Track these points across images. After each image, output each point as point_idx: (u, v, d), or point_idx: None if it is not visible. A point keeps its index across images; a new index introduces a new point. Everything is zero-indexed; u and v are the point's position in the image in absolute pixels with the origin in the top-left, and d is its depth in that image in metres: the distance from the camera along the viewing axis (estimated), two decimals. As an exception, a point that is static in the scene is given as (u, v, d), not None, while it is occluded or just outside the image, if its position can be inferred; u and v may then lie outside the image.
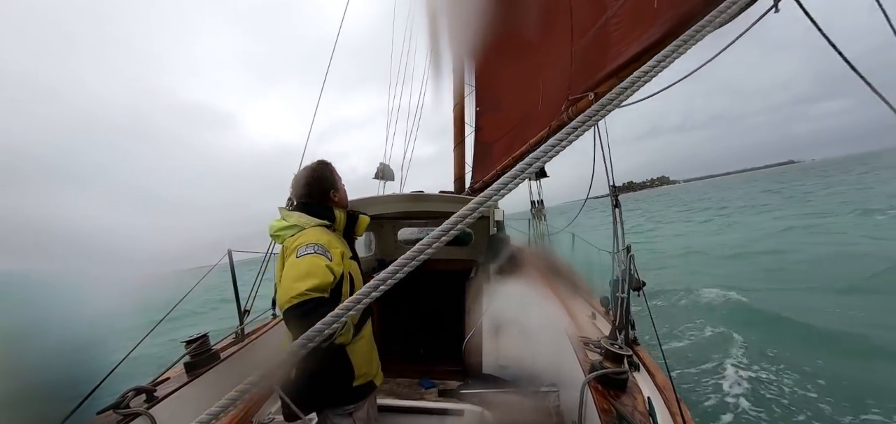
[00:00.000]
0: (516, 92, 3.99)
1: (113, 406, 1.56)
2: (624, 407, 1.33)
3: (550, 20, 3.05)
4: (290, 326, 1.24)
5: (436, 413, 1.99)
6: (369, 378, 1.58)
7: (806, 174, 72.18)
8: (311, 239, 1.36)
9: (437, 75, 5.04)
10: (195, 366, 1.99)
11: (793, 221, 16.11)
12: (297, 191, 1.55)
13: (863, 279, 7.53)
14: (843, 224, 13.92)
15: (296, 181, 1.57)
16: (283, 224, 1.47)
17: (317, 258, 1.30)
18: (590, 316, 2.66)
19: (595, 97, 2.14)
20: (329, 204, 1.56)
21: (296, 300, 1.20)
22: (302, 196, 1.53)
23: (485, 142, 4.80)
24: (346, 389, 1.48)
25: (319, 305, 1.22)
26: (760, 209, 23.50)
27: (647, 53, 1.85)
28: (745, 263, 10.53)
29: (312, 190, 1.54)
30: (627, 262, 1.93)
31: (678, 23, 1.64)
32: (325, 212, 1.52)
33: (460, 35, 4.05)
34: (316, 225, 1.46)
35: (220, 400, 0.68)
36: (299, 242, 1.36)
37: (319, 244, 1.35)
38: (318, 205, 1.52)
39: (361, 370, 1.52)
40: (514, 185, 0.64)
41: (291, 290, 1.22)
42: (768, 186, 45.87)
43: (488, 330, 2.64)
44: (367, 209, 2.99)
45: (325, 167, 1.59)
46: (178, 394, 1.77)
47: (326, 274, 1.29)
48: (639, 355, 1.88)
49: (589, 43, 2.43)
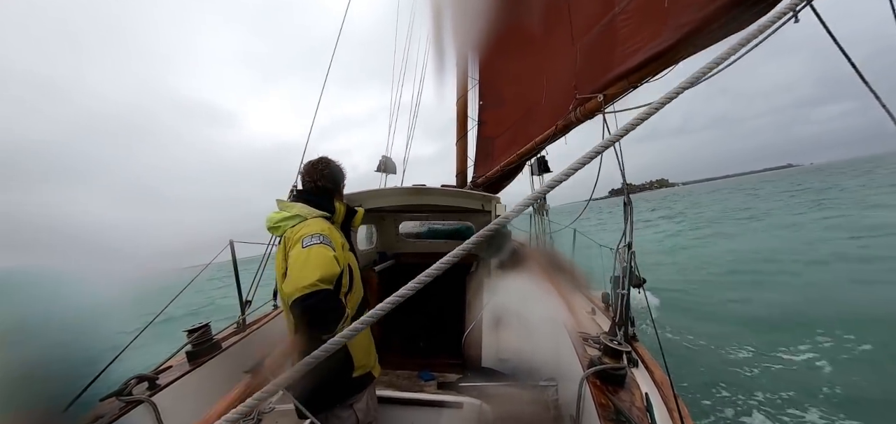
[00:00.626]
0: (519, 87, 3.97)
1: (115, 394, 1.58)
2: (622, 403, 1.33)
3: (554, 15, 3.03)
4: (296, 316, 1.22)
5: (435, 405, 2.01)
6: (368, 370, 1.58)
7: (806, 177, 71.02)
8: (316, 229, 1.37)
9: (440, 69, 5.02)
10: (197, 355, 2.01)
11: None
12: (313, 177, 1.55)
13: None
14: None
15: (305, 172, 1.57)
16: (283, 215, 1.46)
17: (323, 248, 1.30)
18: (589, 311, 2.66)
19: (605, 99, 2.12)
20: (333, 196, 1.57)
21: (306, 290, 1.19)
22: (317, 180, 1.54)
23: (487, 136, 4.79)
24: (347, 381, 1.49)
25: (328, 297, 1.23)
26: (795, 210, 21.15)
27: (660, 58, 1.81)
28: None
29: (328, 180, 1.55)
30: (628, 259, 1.93)
31: (693, 28, 1.59)
32: (326, 203, 1.52)
33: (464, 30, 4.03)
34: (317, 216, 1.46)
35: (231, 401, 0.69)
36: (303, 232, 1.36)
37: (324, 234, 1.36)
38: (321, 196, 1.53)
39: (361, 361, 1.53)
40: (532, 202, 0.64)
41: (301, 280, 1.20)
42: (786, 188, 43.46)
43: (488, 324, 2.65)
44: (369, 202, 2.99)
45: (334, 162, 1.61)
46: (180, 382, 1.79)
47: (333, 264, 1.29)
48: (637, 351, 1.88)
49: (595, 40, 2.41)
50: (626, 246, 1.96)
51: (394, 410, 1.98)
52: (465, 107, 5.16)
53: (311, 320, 1.20)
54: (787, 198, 29.79)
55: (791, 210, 21.25)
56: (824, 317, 5.84)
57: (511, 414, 1.87)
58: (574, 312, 2.35)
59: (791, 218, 17.97)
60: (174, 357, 2.02)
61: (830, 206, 19.71)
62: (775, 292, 7.59)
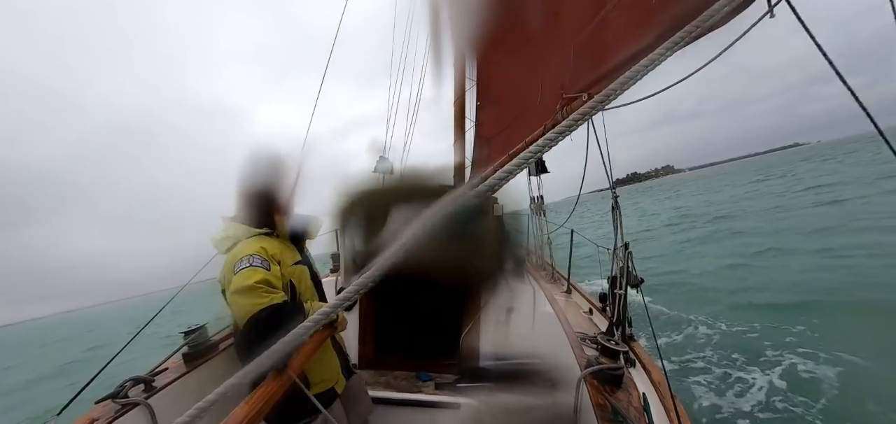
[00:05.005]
0: (515, 87, 3.98)
1: (111, 396, 1.56)
2: (619, 403, 1.34)
3: (550, 16, 3.04)
4: (253, 341, 1.05)
5: (432, 406, 2.01)
6: (329, 386, 1.45)
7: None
8: (247, 252, 1.26)
9: (438, 69, 5.02)
10: (193, 357, 2.00)
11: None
12: (240, 188, 1.38)
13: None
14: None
15: (239, 177, 1.39)
16: (220, 236, 1.36)
17: (253, 271, 1.20)
18: (586, 311, 2.68)
19: (588, 97, 2.13)
20: (269, 207, 1.41)
21: (250, 318, 1.13)
22: (248, 191, 1.38)
23: (484, 137, 4.79)
24: (301, 400, 1.21)
25: (279, 310, 1.16)
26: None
27: (641, 55, 1.82)
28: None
29: (257, 186, 1.40)
30: (625, 259, 1.94)
31: (671, 25, 1.61)
32: (262, 217, 1.39)
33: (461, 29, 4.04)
34: (253, 236, 1.34)
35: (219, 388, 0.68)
36: (234, 260, 1.25)
37: (258, 255, 1.26)
38: (255, 209, 1.40)
39: (319, 376, 1.40)
40: (501, 183, 0.64)
41: (243, 309, 1.14)
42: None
43: (485, 325, 2.66)
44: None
45: (270, 171, 1.41)
46: (176, 384, 1.78)
47: (268, 277, 1.21)
48: (635, 351, 1.89)
49: (586, 41, 2.42)
50: (623, 246, 1.97)
51: (391, 411, 1.98)
52: (462, 108, 5.16)
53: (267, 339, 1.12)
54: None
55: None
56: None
57: (508, 415, 1.88)
58: (570, 312, 2.36)
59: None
60: (170, 359, 2.01)
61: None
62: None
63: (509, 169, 0.64)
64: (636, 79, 0.65)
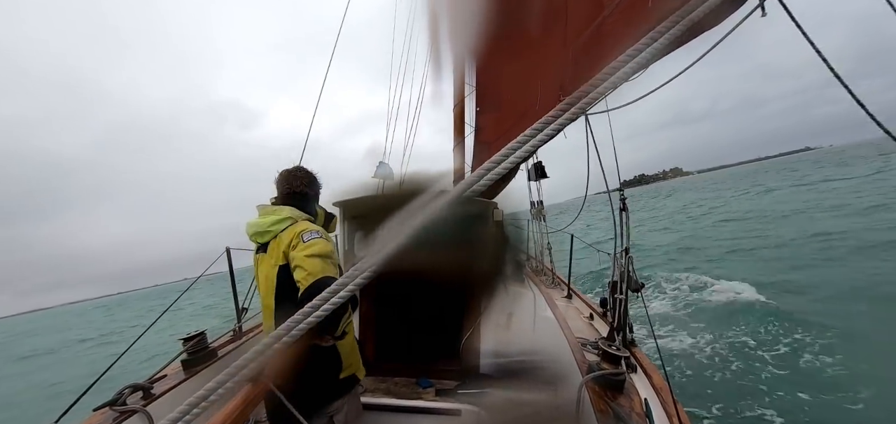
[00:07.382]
0: (514, 92, 3.99)
1: (109, 403, 1.56)
2: (621, 408, 1.33)
3: (549, 20, 3.05)
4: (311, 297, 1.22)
5: (433, 412, 1.99)
6: (353, 371, 1.58)
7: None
8: (312, 227, 1.42)
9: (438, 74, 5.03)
10: (192, 363, 1.99)
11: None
12: (292, 184, 1.57)
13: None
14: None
15: (292, 177, 1.60)
16: (272, 218, 1.45)
17: (325, 242, 1.37)
18: (587, 317, 2.66)
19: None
20: (313, 202, 1.63)
21: (323, 278, 1.24)
22: (297, 188, 1.57)
23: (484, 141, 4.79)
24: (333, 382, 1.48)
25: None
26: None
27: (637, 55, 1.83)
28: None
29: (307, 185, 1.59)
30: (626, 264, 1.93)
31: (668, 26, 1.62)
32: (309, 208, 1.58)
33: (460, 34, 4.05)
34: (306, 219, 1.51)
35: (210, 384, 0.68)
36: (300, 230, 1.39)
37: (320, 231, 1.42)
38: (303, 201, 1.57)
39: (348, 360, 1.53)
40: (481, 186, 0.64)
41: (319, 267, 1.28)
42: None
43: (486, 330, 2.65)
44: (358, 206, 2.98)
45: (310, 171, 1.66)
46: (174, 391, 1.77)
47: (335, 257, 1.38)
48: (636, 356, 1.88)
49: (585, 44, 2.43)
50: (623, 251, 1.96)
51: (391, 417, 1.97)
52: (462, 112, 5.17)
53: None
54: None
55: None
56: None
57: (509, 421, 1.86)
58: (571, 318, 2.34)
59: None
60: (169, 366, 2.00)
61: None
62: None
63: (499, 172, 0.64)
64: (625, 79, 0.64)
